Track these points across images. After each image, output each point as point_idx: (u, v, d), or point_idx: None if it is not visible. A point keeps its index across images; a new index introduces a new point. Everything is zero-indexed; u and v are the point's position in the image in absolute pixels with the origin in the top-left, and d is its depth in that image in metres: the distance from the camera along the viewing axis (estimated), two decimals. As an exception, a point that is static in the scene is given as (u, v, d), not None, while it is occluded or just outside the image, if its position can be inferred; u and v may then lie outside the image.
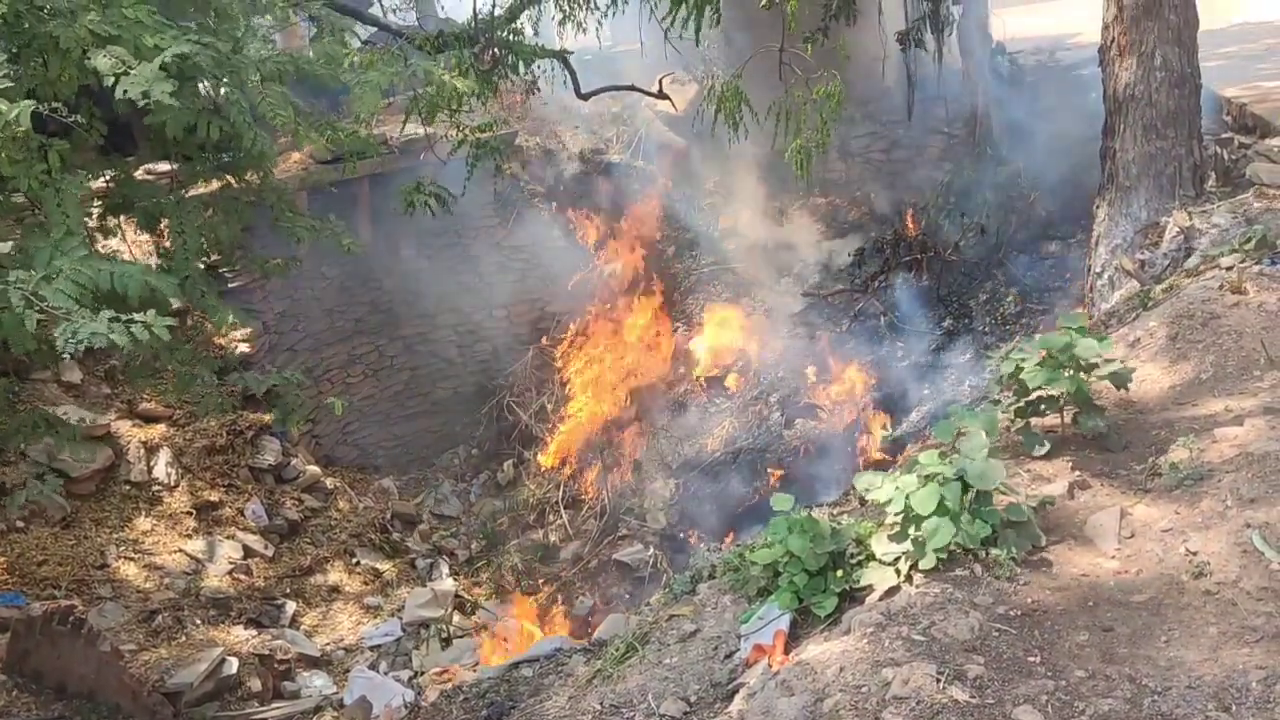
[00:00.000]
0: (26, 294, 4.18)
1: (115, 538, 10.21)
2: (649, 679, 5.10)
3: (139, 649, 9.21)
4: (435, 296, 14.71)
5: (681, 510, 12.81)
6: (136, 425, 11.13)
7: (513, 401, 14.71)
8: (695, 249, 15.07)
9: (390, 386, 14.66)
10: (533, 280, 15.10)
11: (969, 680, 3.79)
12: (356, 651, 10.29)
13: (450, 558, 12.62)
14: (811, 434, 12.87)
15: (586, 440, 14.04)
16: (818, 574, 4.85)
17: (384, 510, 12.78)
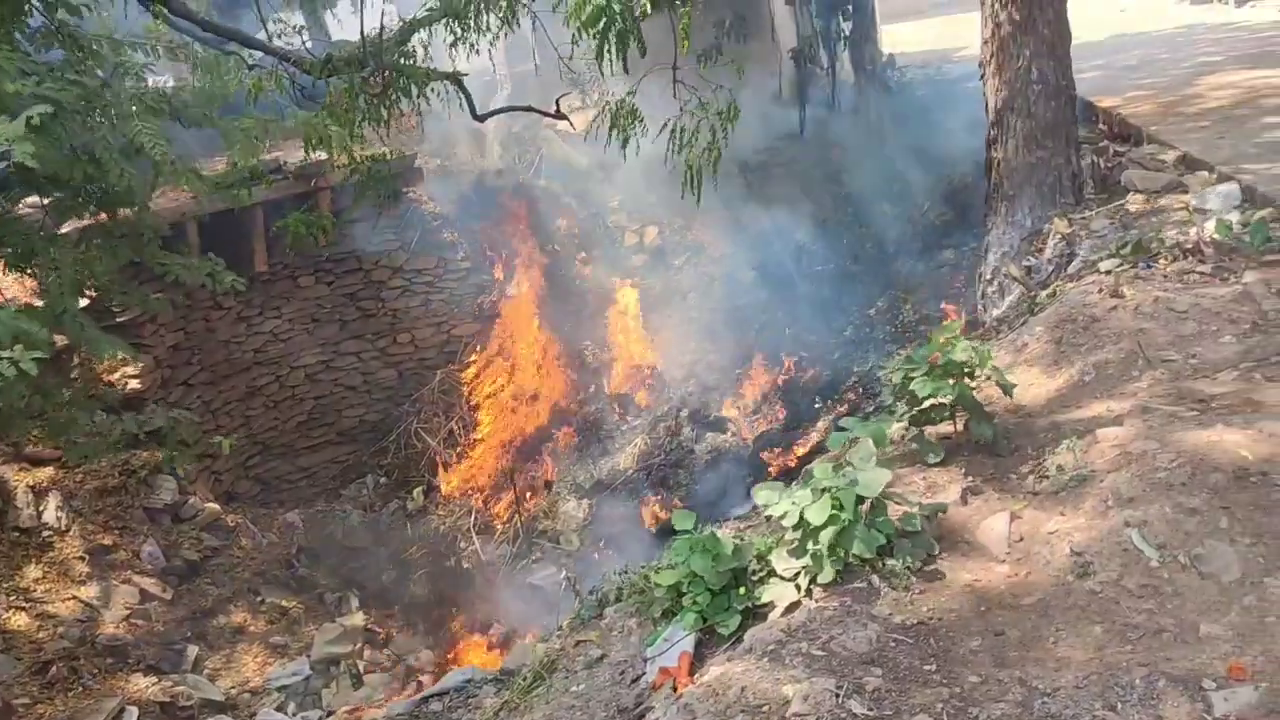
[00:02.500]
0: None
1: (4, 586, 9.76)
2: (556, 708, 5.04)
3: (33, 702, 8.83)
4: (337, 324, 14.44)
5: (595, 531, 12.77)
6: (23, 469, 10.67)
7: (420, 428, 14.49)
8: (601, 266, 15.07)
9: (293, 417, 14.32)
10: (436, 303, 14.91)
11: (867, 693, 3.83)
12: (263, 694, 9.99)
13: (360, 590, 12.35)
14: (722, 447, 12.95)
15: (497, 464, 13.91)
16: (721, 593, 4.86)
17: (289, 545, 12.45)
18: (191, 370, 13.03)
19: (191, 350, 13.06)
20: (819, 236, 14.51)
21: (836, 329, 13.69)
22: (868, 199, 14.59)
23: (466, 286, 15.07)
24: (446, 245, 14.91)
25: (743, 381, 13.52)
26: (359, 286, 14.69)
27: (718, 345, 14.10)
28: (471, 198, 14.89)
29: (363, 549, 13.18)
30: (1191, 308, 6.43)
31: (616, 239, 15.44)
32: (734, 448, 13.04)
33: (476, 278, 15.07)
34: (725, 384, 13.69)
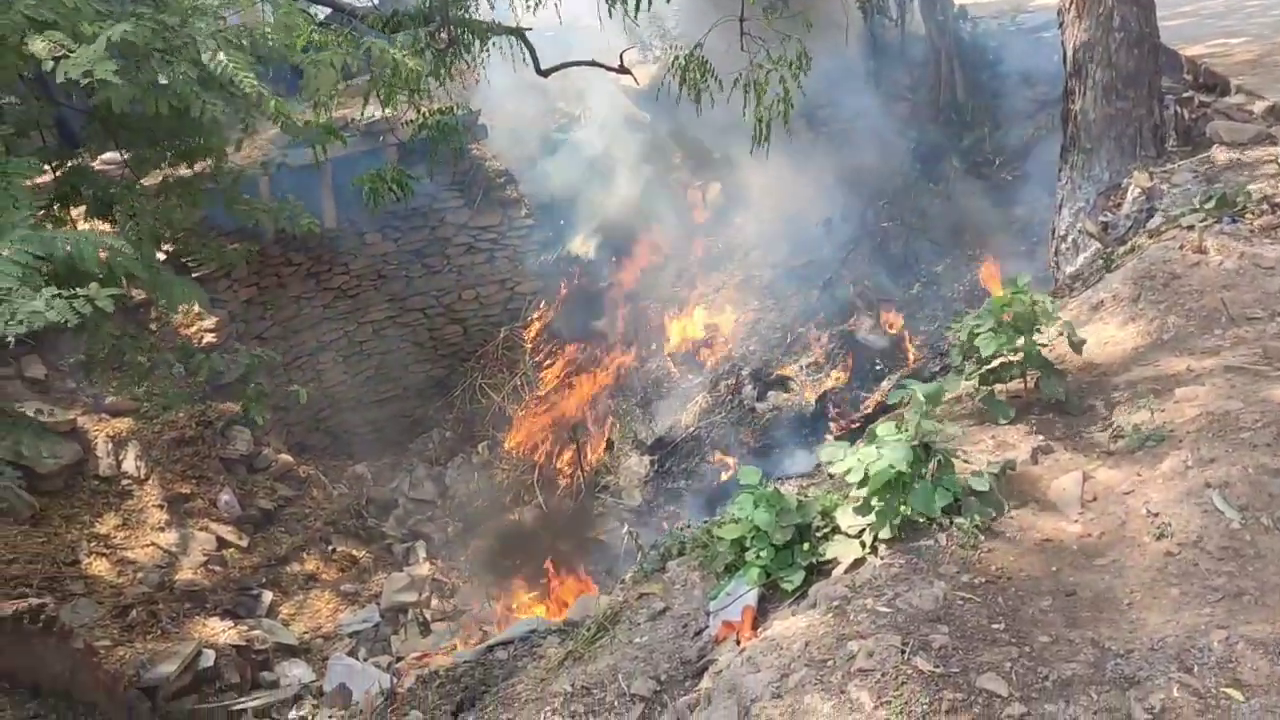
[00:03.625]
0: None
1: (86, 533, 10.10)
2: (620, 659, 5.09)
3: (114, 645, 9.14)
4: (403, 279, 14.60)
5: (656, 486, 12.81)
6: (103, 420, 11.00)
7: (485, 384, 14.64)
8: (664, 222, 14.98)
9: (361, 372, 14.55)
10: (501, 260, 15.00)
11: (934, 650, 3.80)
12: (335, 639, 10.25)
13: (428, 542, 12.58)
14: (783, 406, 12.87)
15: (560, 420, 14.01)
16: (784, 548, 4.84)
17: (359, 496, 12.72)
18: (264, 325, 13.29)
19: (264, 305, 13.32)
20: (886, 192, 14.24)
21: (902, 286, 13.47)
22: (937, 153, 14.27)
23: (530, 244, 15.13)
24: (510, 202, 14.95)
25: (805, 340, 13.39)
26: (424, 243, 14.84)
27: (780, 303, 13.97)
28: (535, 154, 14.87)
29: (429, 501, 13.42)
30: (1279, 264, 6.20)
31: (678, 195, 15.32)
32: (796, 406, 12.95)
33: (540, 234, 15.11)
34: (787, 342, 13.57)
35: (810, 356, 13.18)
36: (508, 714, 5.08)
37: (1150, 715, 3.33)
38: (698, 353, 13.90)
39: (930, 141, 14.31)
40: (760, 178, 14.09)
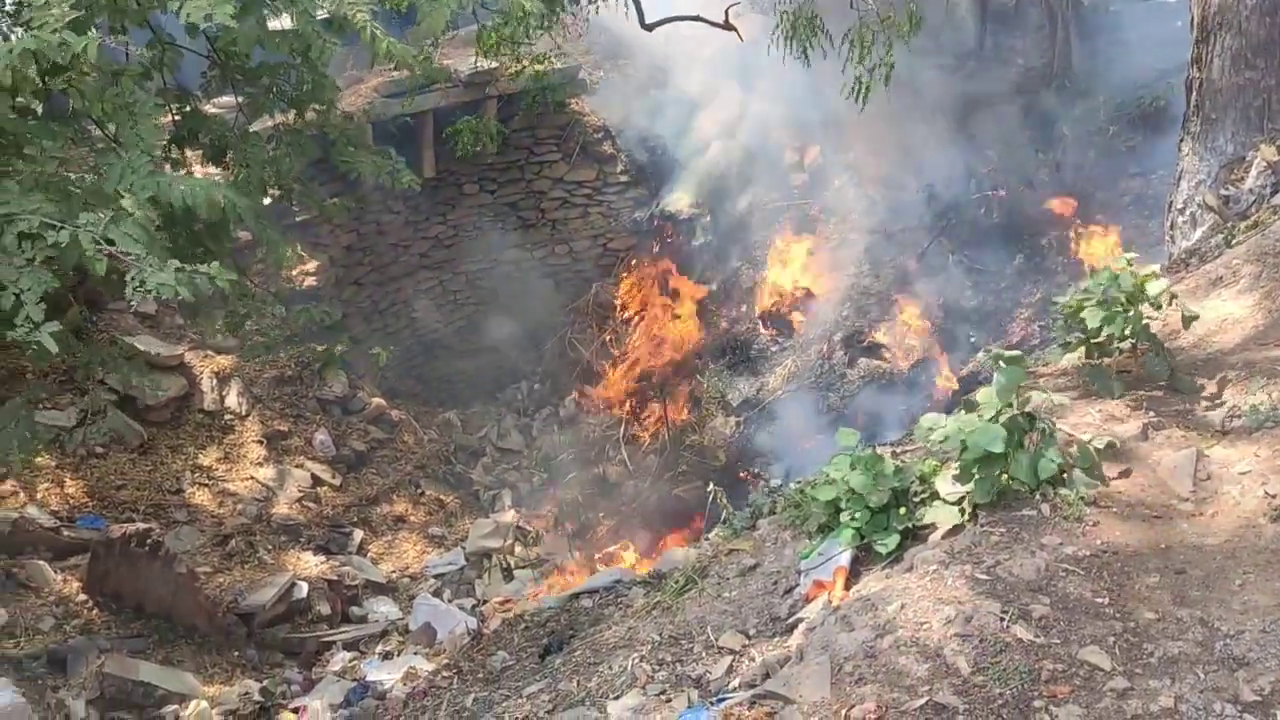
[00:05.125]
0: (96, 237, 4.22)
1: (190, 464, 10.49)
2: (708, 611, 5.13)
3: (214, 571, 9.51)
4: (498, 231, 14.73)
5: (741, 448, 12.80)
6: (208, 356, 11.38)
7: (575, 338, 14.75)
8: (760, 184, 14.82)
9: (454, 321, 14.78)
10: (595, 216, 15.03)
11: (1034, 620, 3.75)
12: (421, 579, 10.51)
13: (513, 490, 12.79)
14: (875, 373, 12.72)
15: (647, 377, 14.05)
16: (880, 511, 4.81)
17: (448, 443, 12.97)
18: (363, 270, 13.56)
19: (363, 251, 13.58)
20: (991, 160, 13.86)
21: (1004, 257, 13.14)
22: (1046, 120, 13.82)
23: (624, 200, 15.13)
24: (607, 158, 14.95)
25: (900, 307, 13.18)
26: (520, 196, 14.94)
27: (876, 269, 13.75)
28: (634, 110, 14.81)
29: (516, 451, 13.62)
30: None
31: (776, 157, 15.12)
32: (888, 374, 12.79)
33: (635, 191, 15.09)
34: (882, 309, 13.37)
35: (904, 324, 12.97)
36: (595, 659, 5.16)
37: (1259, 697, 3.25)
38: (789, 316, 13.78)
39: (1041, 108, 13.86)
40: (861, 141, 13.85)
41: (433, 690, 6.19)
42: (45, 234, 4.13)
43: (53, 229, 4.14)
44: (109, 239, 4.22)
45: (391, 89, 12.96)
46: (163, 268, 4.26)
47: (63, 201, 4.33)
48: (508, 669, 6.09)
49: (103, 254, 4.19)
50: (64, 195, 4.44)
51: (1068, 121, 13.63)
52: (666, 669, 4.71)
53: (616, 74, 15.17)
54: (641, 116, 14.82)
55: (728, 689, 4.34)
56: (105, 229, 4.20)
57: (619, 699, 4.57)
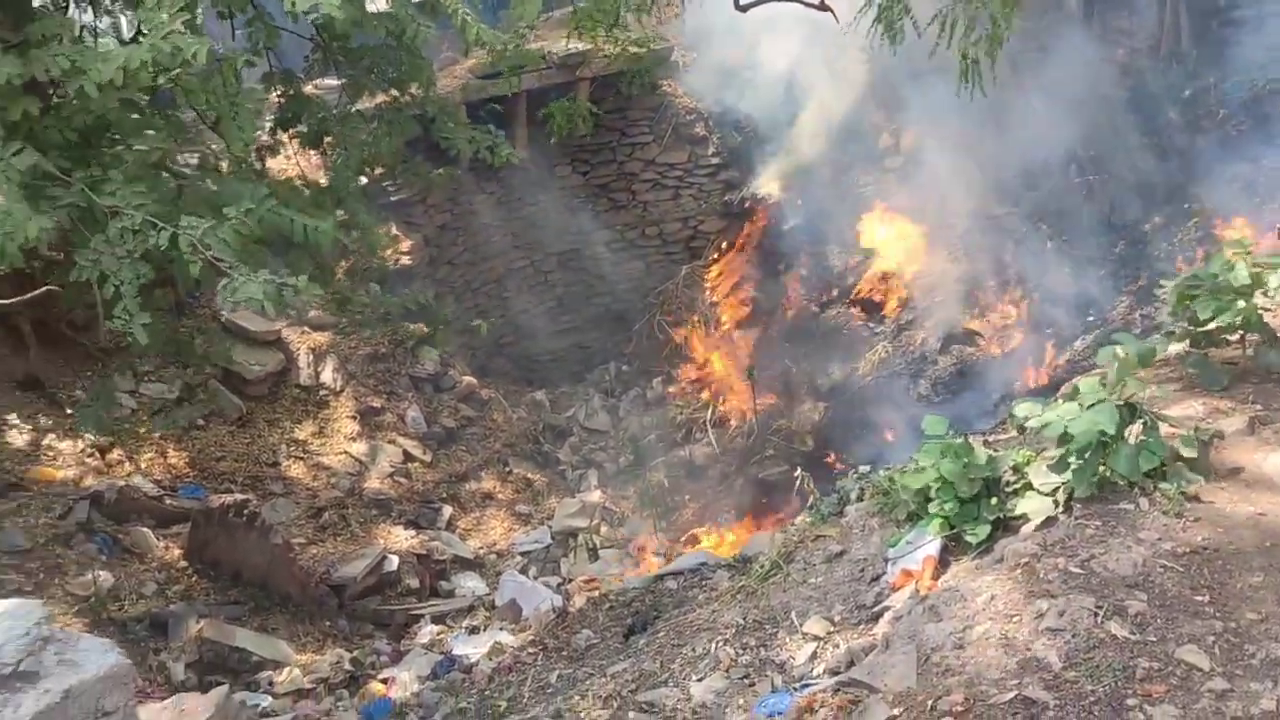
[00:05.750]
0: (194, 241, 4.37)
1: (286, 438, 10.80)
2: (793, 597, 5.11)
3: (307, 543, 9.78)
4: (589, 213, 14.79)
5: (828, 434, 12.66)
6: (305, 333, 11.68)
7: (663, 320, 14.75)
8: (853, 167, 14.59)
9: (544, 301, 14.90)
10: (686, 198, 14.99)
11: (1129, 616, 3.65)
12: (507, 556, 10.66)
13: (599, 470, 12.88)
14: (967, 360, 12.47)
15: (736, 360, 13.99)
16: (970, 501, 4.72)
17: (536, 422, 13.11)
18: (456, 250, 13.75)
19: (457, 231, 13.77)
20: (1094, 141, 13.40)
21: (1107, 243, 12.73)
22: (1155, 104, 13.31)
23: (715, 183, 15.05)
24: (698, 140, 14.88)
25: (996, 294, 12.87)
26: (612, 178, 14.98)
27: (970, 255, 13.44)
28: (727, 92, 14.69)
29: (603, 432, 13.69)
30: None
31: (870, 140, 14.86)
32: (980, 362, 12.53)
33: (726, 174, 15.00)
34: (976, 296, 13.08)
35: (998, 312, 12.68)
36: (679, 641, 5.18)
37: (1370, 705, 3.12)
38: (881, 300, 13.57)
39: (1148, 91, 13.35)
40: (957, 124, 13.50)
41: (518, 665, 6.29)
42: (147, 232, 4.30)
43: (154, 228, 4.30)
44: (205, 243, 4.37)
45: (485, 70, 13.10)
46: (253, 279, 4.40)
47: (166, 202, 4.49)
48: (592, 647, 6.15)
49: (198, 258, 4.34)
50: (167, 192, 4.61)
51: (1175, 104, 13.11)
52: (750, 653, 4.71)
53: (710, 56, 15.06)
54: (734, 98, 14.69)
55: (811, 675, 4.32)
56: (204, 234, 4.35)
57: (701, 681, 4.59)
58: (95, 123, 4.48)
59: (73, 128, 4.42)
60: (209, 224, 4.33)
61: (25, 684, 1.83)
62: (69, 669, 1.92)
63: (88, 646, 2.06)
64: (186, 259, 4.28)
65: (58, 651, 1.94)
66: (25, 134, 4.28)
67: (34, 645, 1.90)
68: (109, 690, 1.97)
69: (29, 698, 1.83)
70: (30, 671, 1.85)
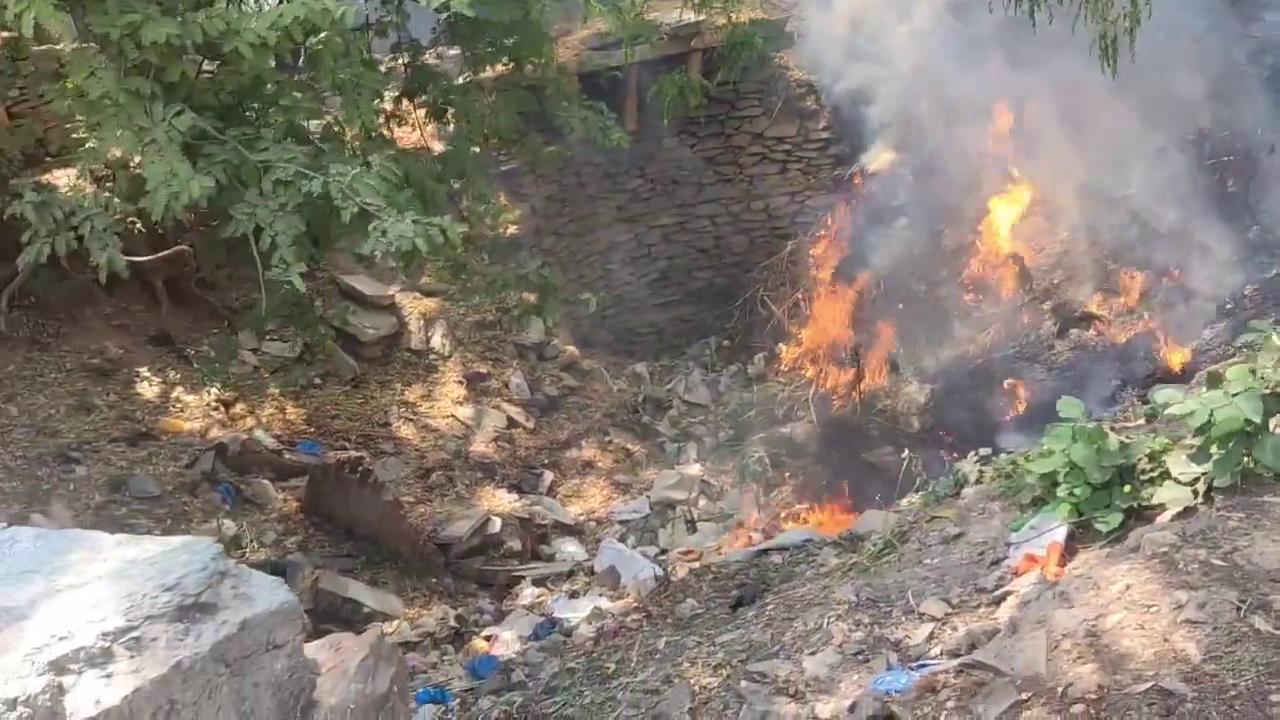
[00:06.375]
0: (344, 188, 4.48)
1: (396, 400, 11.07)
2: (907, 577, 5.03)
3: (416, 501, 10.03)
4: (695, 186, 14.73)
5: (936, 415, 12.41)
6: (416, 298, 11.93)
7: (766, 296, 14.62)
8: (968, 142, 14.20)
9: (648, 274, 14.92)
10: (793, 172, 14.82)
11: (1274, 611, 3.51)
12: (606, 524, 10.76)
13: (698, 444, 12.88)
14: (1087, 345, 12.09)
15: (839, 338, 13.80)
16: (1101, 488, 4.58)
17: (636, 393, 13.17)
18: (562, 221, 13.85)
19: (563, 202, 13.86)
20: (1229, 120, 12.80)
21: (1238, 228, 12.18)
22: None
23: (825, 157, 14.84)
24: (809, 114, 14.67)
25: (1119, 277, 12.43)
26: (718, 151, 14.87)
27: (1092, 235, 12.97)
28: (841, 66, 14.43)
29: (702, 406, 13.68)
30: None
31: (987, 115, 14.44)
32: (1100, 347, 12.12)
33: (835, 148, 14.77)
34: (1098, 278, 12.64)
35: (1121, 295, 12.25)
36: (789, 614, 5.15)
37: None
38: (995, 280, 13.22)
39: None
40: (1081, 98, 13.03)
41: (623, 630, 6.33)
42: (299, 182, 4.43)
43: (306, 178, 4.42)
44: (355, 188, 4.48)
45: (597, 41, 13.11)
46: (402, 219, 4.51)
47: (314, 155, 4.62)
48: (697, 616, 6.15)
49: (349, 205, 4.46)
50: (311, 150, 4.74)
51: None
52: (864, 630, 4.66)
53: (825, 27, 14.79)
54: (846, 71, 14.42)
55: (928, 655, 4.26)
56: (352, 180, 4.46)
57: (814, 655, 4.55)
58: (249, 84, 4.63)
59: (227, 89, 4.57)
60: (356, 170, 4.44)
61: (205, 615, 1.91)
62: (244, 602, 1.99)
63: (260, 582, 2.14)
64: (339, 205, 4.40)
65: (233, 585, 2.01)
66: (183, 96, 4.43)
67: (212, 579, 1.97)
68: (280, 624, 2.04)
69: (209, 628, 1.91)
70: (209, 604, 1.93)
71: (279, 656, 2.05)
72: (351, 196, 4.40)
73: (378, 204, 4.49)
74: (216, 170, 4.29)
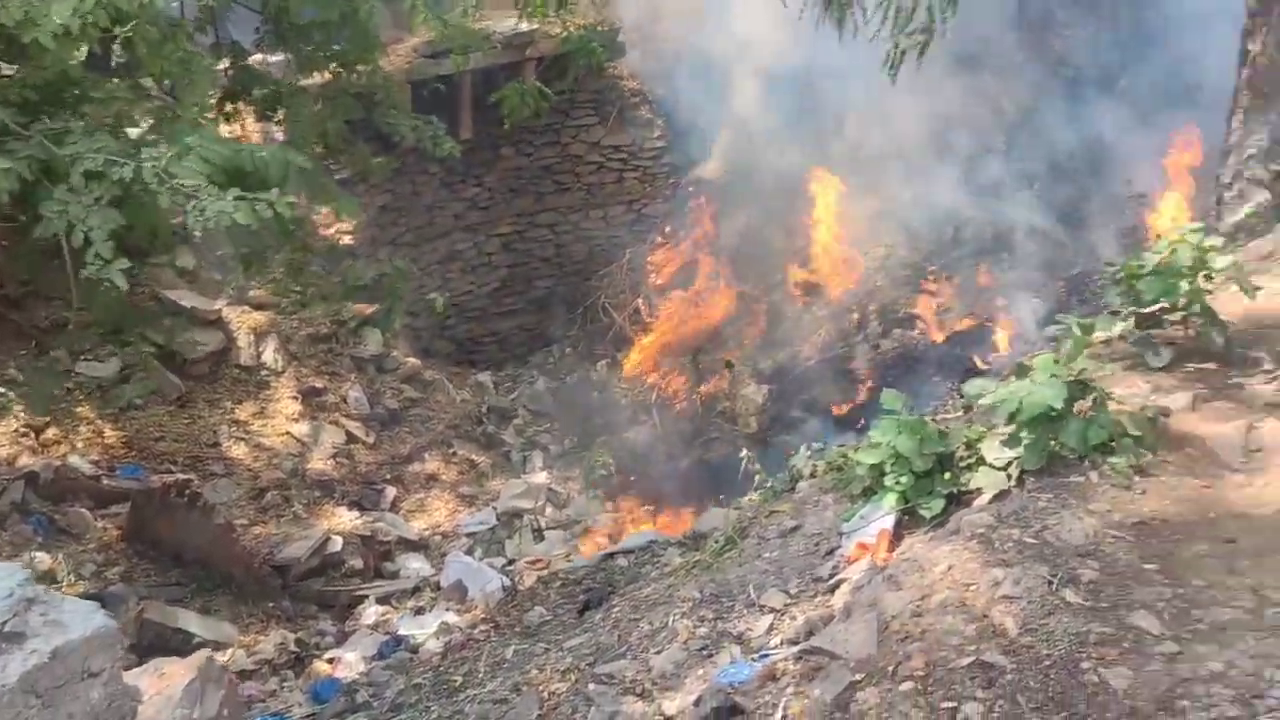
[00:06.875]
0: (159, 171, 4.27)
1: (226, 418, 10.61)
2: (748, 571, 5.16)
3: (250, 524, 9.63)
4: (534, 195, 14.71)
5: (772, 415, 12.79)
6: (246, 312, 11.47)
7: (607, 303, 14.75)
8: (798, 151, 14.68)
9: (488, 283, 14.82)
10: (631, 181, 14.99)
11: (1082, 584, 3.76)
12: (453, 538, 10.61)
13: (544, 452, 12.85)
14: (909, 344, 12.68)
15: (679, 343, 14.05)
16: (925, 476, 4.81)
17: (480, 403, 13.04)
18: (398, 231, 13.60)
19: (399, 212, 13.62)
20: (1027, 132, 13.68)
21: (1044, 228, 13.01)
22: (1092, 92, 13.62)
23: (661, 166, 15.07)
24: (643, 122, 14.87)
25: (937, 279, 13.10)
26: (556, 160, 14.91)
27: (913, 239, 13.65)
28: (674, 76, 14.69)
29: (547, 414, 13.67)
30: None
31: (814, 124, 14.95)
32: (922, 345, 12.75)
33: (671, 157, 15.02)
34: (918, 280, 13.30)
35: (939, 296, 12.91)
36: (635, 615, 5.21)
37: (1313, 665, 3.24)
38: (825, 284, 13.72)
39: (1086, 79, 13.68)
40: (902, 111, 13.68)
41: (470, 643, 6.27)
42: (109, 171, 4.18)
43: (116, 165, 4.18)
44: (170, 171, 4.26)
45: (429, 50, 12.93)
46: (222, 197, 4.31)
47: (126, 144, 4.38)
48: (545, 624, 6.15)
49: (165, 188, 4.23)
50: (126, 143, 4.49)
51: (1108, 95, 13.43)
52: (708, 625, 4.75)
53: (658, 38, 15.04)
54: (679, 81, 14.69)
55: (770, 646, 4.38)
56: (168, 163, 4.24)
57: (660, 653, 4.62)
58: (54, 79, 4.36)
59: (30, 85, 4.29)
60: (172, 153, 4.23)
61: (11, 645, 1.78)
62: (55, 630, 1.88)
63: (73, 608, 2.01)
64: (154, 189, 4.17)
65: (43, 612, 1.89)
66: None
67: (18, 606, 1.85)
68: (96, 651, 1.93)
69: (15, 659, 1.79)
70: (16, 632, 1.81)
71: (95, 685, 1.94)
72: (167, 180, 4.18)
73: (196, 184, 4.27)
74: (20, 166, 4.02)
